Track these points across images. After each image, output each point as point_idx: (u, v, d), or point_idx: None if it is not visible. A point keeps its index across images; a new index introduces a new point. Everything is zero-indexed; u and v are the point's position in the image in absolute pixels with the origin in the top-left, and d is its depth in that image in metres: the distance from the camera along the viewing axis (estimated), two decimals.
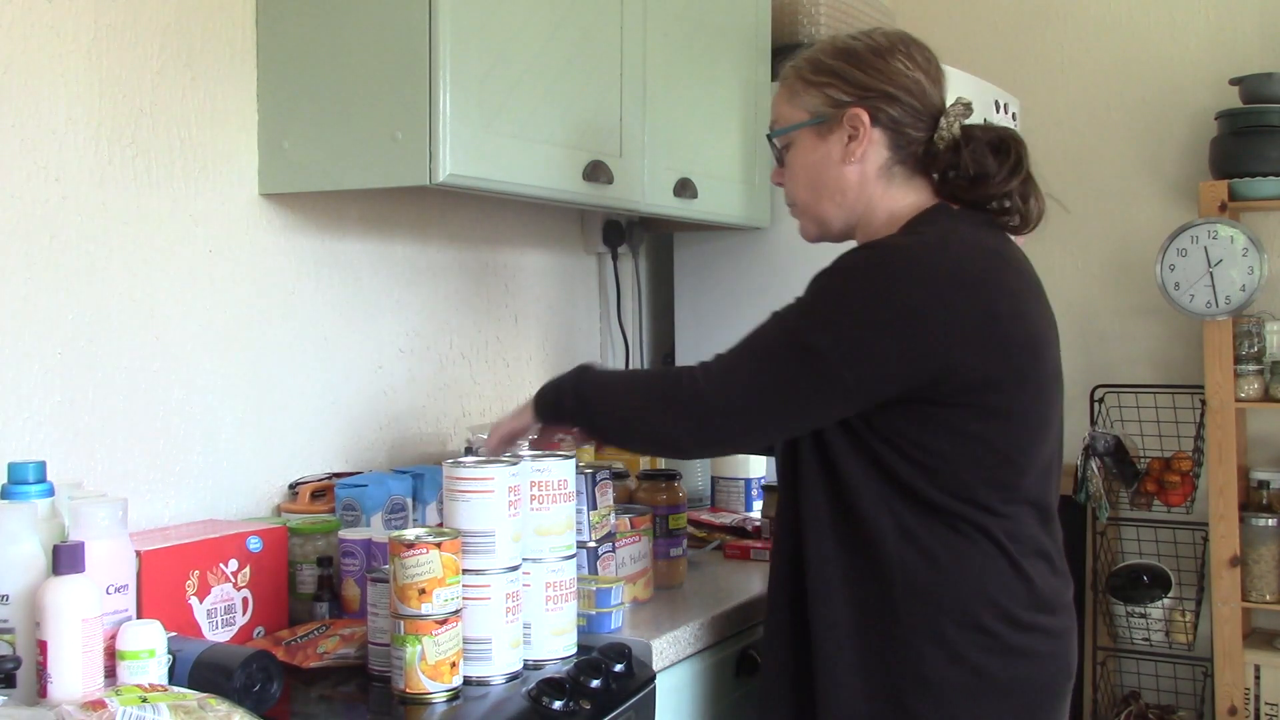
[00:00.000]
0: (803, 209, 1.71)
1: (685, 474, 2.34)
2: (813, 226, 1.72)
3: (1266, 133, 2.99)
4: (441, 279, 2.41)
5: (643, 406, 1.63)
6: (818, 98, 1.64)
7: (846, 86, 1.61)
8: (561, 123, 2.07)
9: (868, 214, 1.65)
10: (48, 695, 1.32)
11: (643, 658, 1.70)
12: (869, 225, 1.65)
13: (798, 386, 1.53)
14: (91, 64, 1.75)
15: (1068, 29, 3.42)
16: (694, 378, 1.57)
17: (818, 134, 1.64)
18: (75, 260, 1.74)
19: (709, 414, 1.56)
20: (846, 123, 1.61)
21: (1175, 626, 3.22)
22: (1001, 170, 1.59)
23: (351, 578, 1.75)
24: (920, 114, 1.61)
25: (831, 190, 1.65)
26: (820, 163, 1.65)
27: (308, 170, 1.95)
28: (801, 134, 1.66)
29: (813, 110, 1.64)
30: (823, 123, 1.63)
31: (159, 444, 1.85)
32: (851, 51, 1.63)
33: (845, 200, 1.65)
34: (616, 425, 1.68)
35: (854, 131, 1.61)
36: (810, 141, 1.65)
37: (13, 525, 1.38)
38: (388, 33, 1.84)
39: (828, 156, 1.64)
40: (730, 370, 1.57)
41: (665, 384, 1.62)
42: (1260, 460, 3.21)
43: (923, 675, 1.51)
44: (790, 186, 1.71)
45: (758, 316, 2.77)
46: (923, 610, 1.51)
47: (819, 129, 1.64)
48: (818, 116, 1.64)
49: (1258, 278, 2.97)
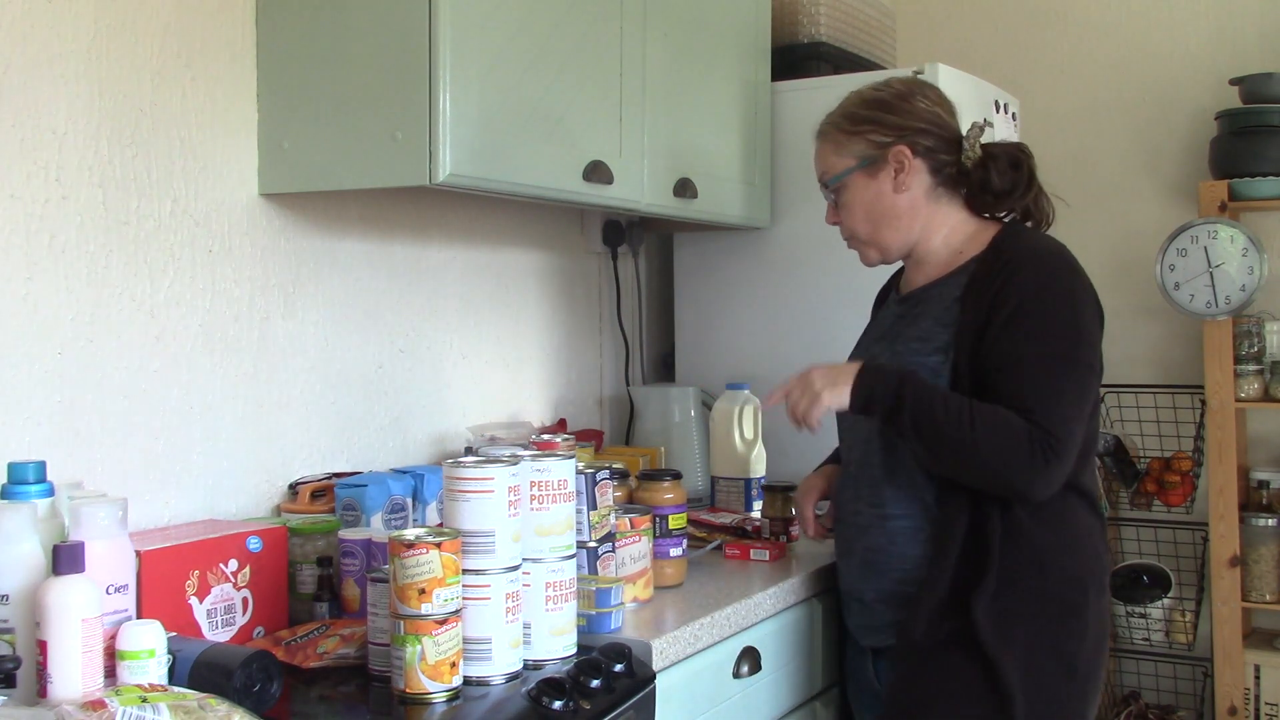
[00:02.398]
0: (865, 240, 1.95)
1: (685, 474, 2.34)
2: (875, 253, 1.97)
3: (1266, 133, 3.00)
4: (441, 279, 2.41)
5: (1004, 450, 1.71)
6: (861, 144, 1.91)
7: (884, 130, 1.89)
8: (561, 123, 2.07)
9: (925, 233, 1.92)
10: (48, 695, 1.32)
11: (643, 658, 1.69)
12: (927, 243, 1.92)
13: (1091, 403, 1.81)
14: (91, 64, 1.75)
15: (1068, 29, 3.42)
16: (1049, 445, 1.70)
17: (868, 174, 1.91)
18: (75, 260, 1.74)
19: (1063, 471, 1.74)
20: (892, 159, 1.89)
21: (1175, 626, 3.22)
22: (1020, 183, 1.88)
23: (351, 578, 1.75)
24: (947, 141, 1.90)
25: (890, 219, 1.91)
26: (875, 198, 1.91)
27: (308, 170, 1.95)
28: (854, 177, 1.92)
29: (859, 155, 1.91)
30: (871, 164, 1.90)
31: (159, 444, 1.85)
32: (880, 101, 1.91)
33: (902, 225, 1.91)
34: (961, 453, 1.74)
35: (899, 165, 1.88)
36: (862, 181, 1.91)
37: (13, 525, 1.38)
38: (388, 33, 1.84)
39: (880, 191, 1.90)
40: (1069, 422, 1.74)
41: (1026, 440, 1.71)
42: (1260, 460, 3.21)
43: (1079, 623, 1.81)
44: (849, 223, 1.96)
45: (758, 316, 2.80)
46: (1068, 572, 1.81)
47: (868, 170, 1.90)
48: (864, 160, 1.90)
49: (1258, 278, 2.97)
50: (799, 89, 2.77)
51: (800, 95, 2.77)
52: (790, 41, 2.84)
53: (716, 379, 2.77)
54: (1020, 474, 1.71)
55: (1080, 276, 1.83)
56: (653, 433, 2.71)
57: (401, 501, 1.96)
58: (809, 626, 2.14)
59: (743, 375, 2.71)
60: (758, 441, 2.55)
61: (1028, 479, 1.71)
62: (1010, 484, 1.73)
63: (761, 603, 1.99)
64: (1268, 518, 3.06)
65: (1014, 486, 1.73)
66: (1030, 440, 1.70)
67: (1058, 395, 1.73)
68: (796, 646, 2.10)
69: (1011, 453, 1.70)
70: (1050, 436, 1.70)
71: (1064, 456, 1.71)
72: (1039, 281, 1.78)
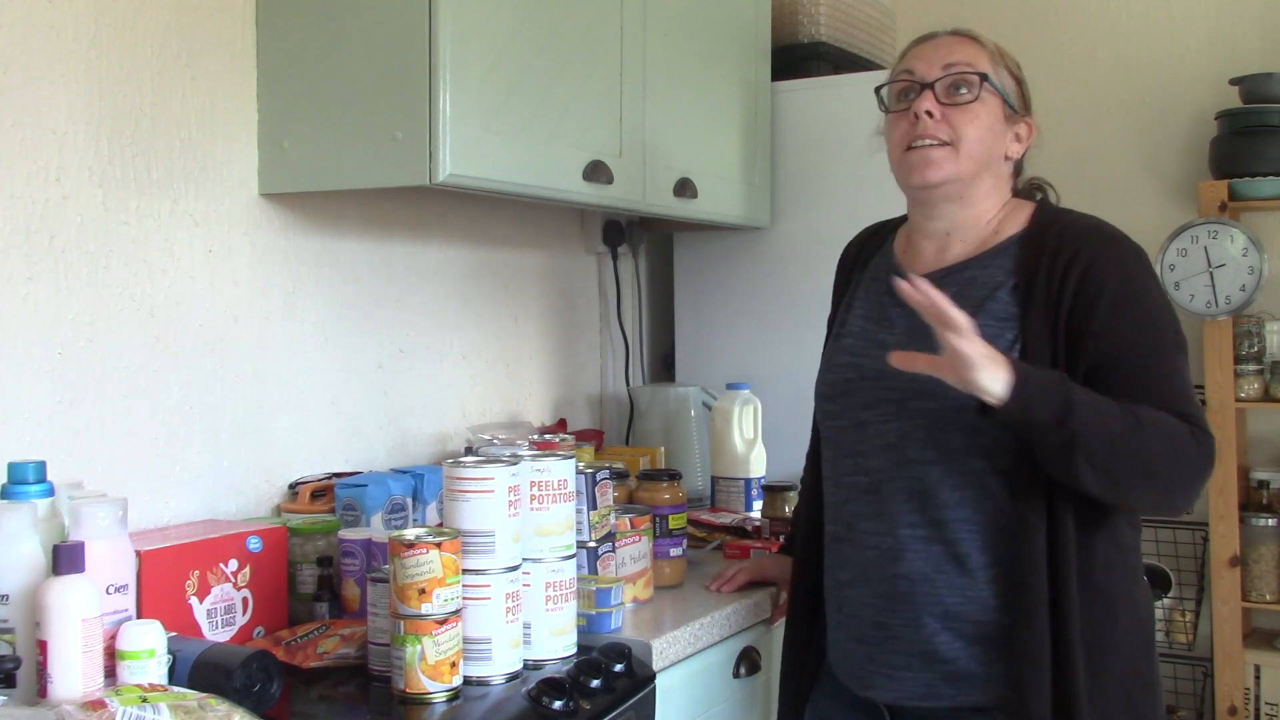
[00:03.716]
0: (966, 155, 1.62)
1: (685, 474, 2.35)
2: (952, 168, 1.62)
3: (1266, 133, 2.99)
4: (441, 279, 2.41)
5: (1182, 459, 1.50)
6: (1013, 87, 1.68)
7: (1025, 98, 1.70)
8: (561, 123, 2.07)
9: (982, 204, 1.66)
10: (48, 695, 1.32)
11: (643, 658, 1.69)
12: (974, 212, 1.66)
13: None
14: (91, 64, 1.75)
15: (1067, 29, 3.42)
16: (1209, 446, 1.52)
17: (1004, 114, 1.66)
18: (75, 260, 1.74)
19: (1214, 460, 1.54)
20: (1025, 126, 1.69)
21: (1175, 626, 3.21)
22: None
23: (351, 578, 1.75)
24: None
25: (990, 165, 1.65)
26: (996, 138, 1.66)
27: (308, 170, 1.95)
28: (997, 101, 1.65)
29: (1013, 93, 1.68)
30: (1011, 110, 1.67)
31: (159, 444, 1.85)
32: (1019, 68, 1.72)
33: (983, 182, 1.65)
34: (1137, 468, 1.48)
35: (1021, 137, 1.69)
36: (998, 113, 1.66)
37: (13, 525, 1.38)
38: (388, 33, 1.84)
39: (1001, 138, 1.66)
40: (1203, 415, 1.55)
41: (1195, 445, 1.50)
42: (1260, 460, 3.21)
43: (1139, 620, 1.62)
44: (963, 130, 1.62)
45: (758, 316, 2.79)
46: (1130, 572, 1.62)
47: (1006, 108, 1.67)
48: (1009, 100, 1.67)
49: (1258, 278, 2.97)
50: (799, 89, 2.78)
51: (800, 95, 2.77)
52: (790, 41, 2.84)
53: (716, 379, 2.77)
54: (1196, 484, 1.52)
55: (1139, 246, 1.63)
56: (653, 433, 2.71)
57: (401, 501, 1.96)
58: None
59: (743, 375, 2.71)
60: (758, 441, 2.55)
61: (1199, 489, 1.52)
62: (1184, 497, 1.52)
63: (761, 603, 1.99)
64: (1268, 518, 3.06)
65: (1186, 499, 1.52)
66: (1198, 442, 1.50)
67: (1187, 390, 1.54)
68: None
69: (1188, 460, 1.49)
70: (1207, 435, 1.51)
71: (1215, 453, 1.52)
72: (1123, 263, 1.56)
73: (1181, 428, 1.49)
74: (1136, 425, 1.46)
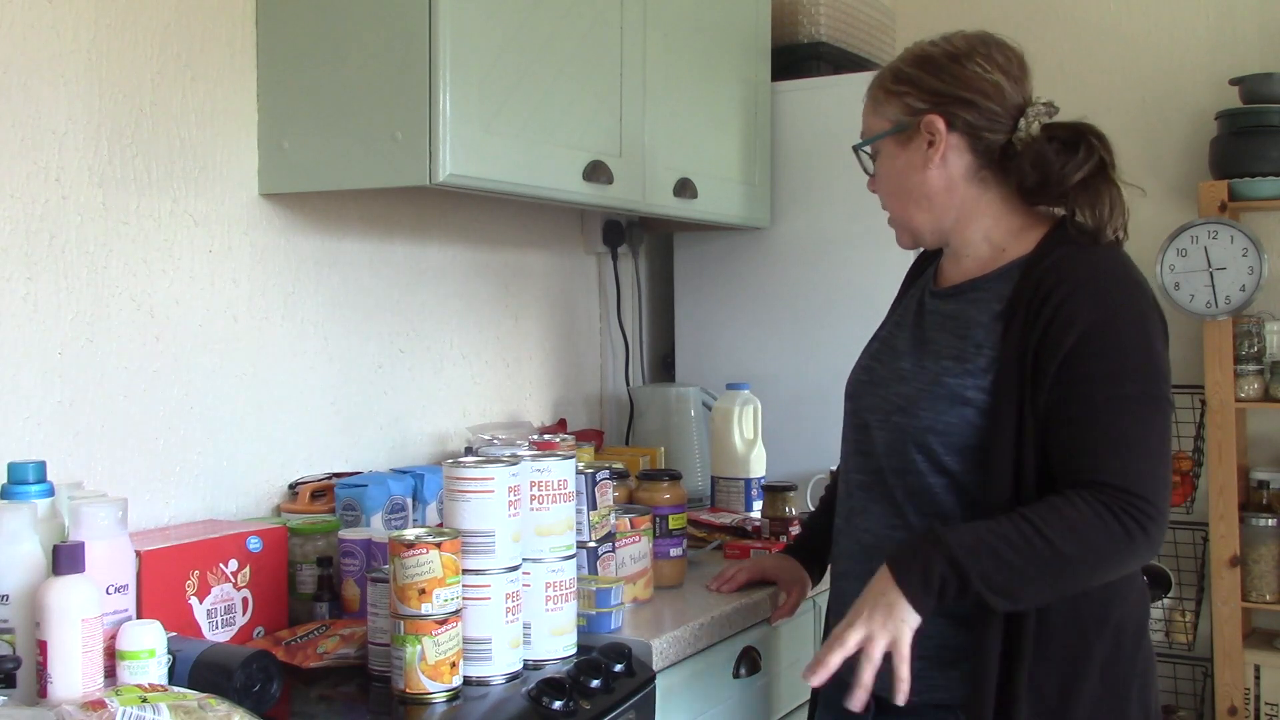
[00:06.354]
0: (894, 218, 1.69)
1: (685, 474, 2.34)
2: (905, 235, 1.70)
3: (1266, 133, 2.99)
4: (441, 279, 2.41)
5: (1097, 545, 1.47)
6: (897, 106, 1.64)
7: (922, 94, 1.62)
8: (561, 123, 2.07)
9: (960, 223, 1.64)
10: (48, 695, 1.32)
11: (643, 658, 1.69)
12: (963, 233, 1.65)
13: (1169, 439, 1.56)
14: (91, 64, 1.75)
15: (1067, 29, 3.42)
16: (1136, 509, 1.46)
17: (898, 142, 1.64)
18: (75, 260, 1.74)
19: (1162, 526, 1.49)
20: (924, 129, 1.61)
21: (1175, 626, 3.21)
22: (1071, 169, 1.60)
23: (351, 578, 1.75)
24: (1000, 116, 1.61)
25: (917, 197, 1.64)
26: (904, 170, 1.64)
27: (308, 170, 1.95)
28: (885, 143, 1.66)
29: (893, 119, 1.64)
30: (902, 131, 1.63)
31: (159, 444, 1.85)
32: (928, 58, 1.63)
33: (932, 206, 1.64)
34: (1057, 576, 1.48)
35: (931, 138, 1.61)
36: (892, 150, 1.65)
37: (13, 525, 1.38)
38: (388, 33, 1.84)
39: (910, 164, 1.63)
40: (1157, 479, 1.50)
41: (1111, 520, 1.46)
42: (1260, 460, 3.21)
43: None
44: (881, 196, 1.70)
45: (758, 316, 2.80)
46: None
47: (899, 138, 1.64)
48: (898, 125, 1.63)
49: (1258, 278, 2.97)
50: (799, 89, 2.78)
51: (800, 95, 2.77)
52: (790, 41, 2.85)
53: (716, 379, 2.77)
54: (1125, 556, 1.48)
55: (1145, 291, 1.56)
56: (653, 433, 2.71)
57: (401, 501, 1.96)
58: (809, 627, 2.14)
59: (743, 375, 2.71)
60: (758, 441, 2.55)
61: (1133, 555, 1.49)
62: (1114, 572, 1.51)
63: (761, 603, 1.99)
64: (1268, 518, 3.06)
65: (1117, 572, 1.52)
66: (1115, 517, 1.46)
67: (1137, 446, 1.48)
68: (796, 647, 2.10)
69: (1106, 544, 1.46)
70: (1133, 497, 1.46)
71: (1157, 514, 1.47)
72: (1099, 305, 1.51)
73: (1090, 509, 1.45)
74: (1034, 540, 1.45)
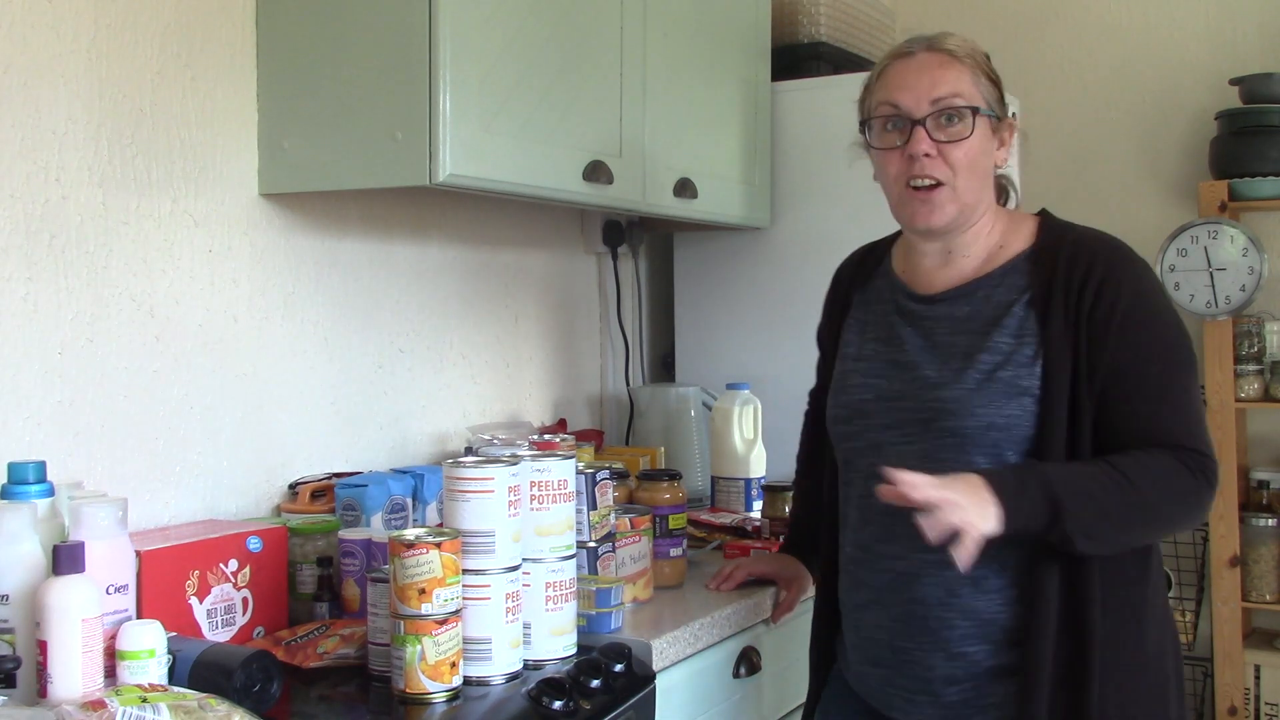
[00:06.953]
0: (964, 189, 1.60)
1: (685, 474, 2.34)
2: (951, 209, 1.60)
3: (1266, 133, 2.99)
4: (441, 279, 2.41)
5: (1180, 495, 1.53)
6: (993, 95, 1.64)
7: (1001, 93, 1.66)
8: (561, 123, 2.07)
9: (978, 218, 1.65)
10: (48, 695, 1.32)
11: (643, 658, 1.69)
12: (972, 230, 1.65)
13: None
14: (91, 64, 1.75)
15: (1068, 29, 3.42)
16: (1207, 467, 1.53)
17: (991, 127, 1.63)
18: (75, 260, 1.74)
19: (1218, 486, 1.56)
20: (1008, 129, 1.66)
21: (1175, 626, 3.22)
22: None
23: (351, 578, 1.75)
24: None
25: (985, 181, 1.64)
26: (988, 152, 1.63)
27: (308, 170, 1.95)
28: (986, 122, 1.62)
29: (989, 103, 1.62)
30: (996, 120, 1.64)
31: (159, 444, 1.85)
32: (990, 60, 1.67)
33: (986, 194, 1.65)
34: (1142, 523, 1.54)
35: (1005, 140, 1.65)
36: (988, 133, 1.63)
37: (13, 525, 1.38)
38: (388, 33, 1.84)
39: (988, 150, 1.63)
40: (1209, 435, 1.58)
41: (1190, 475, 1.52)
42: (1260, 460, 3.21)
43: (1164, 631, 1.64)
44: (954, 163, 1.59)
45: (757, 316, 2.79)
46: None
47: (993, 124, 1.63)
48: (992, 113, 1.63)
49: (1258, 278, 2.97)
50: (799, 89, 2.78)
51: (800, 95, 2.77)
52: (790, 41, 2.85)
53: (716, 379, 2.77)
54: (1198, 511, 1.56)
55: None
56: (653, 433, 2.71)
57: (401, 501, 1.96)
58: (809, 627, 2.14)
59: (743, 375, 2.71)
60: (758, 441, 2.55)
61: (1201, 506, 1.55)
62: (1190, 524, 1.61)
63: (761, 603, 1.99)
64: (1268, 518, 3.06)
65: (1192, 524, 1.61)
66: (1192, 472, 1.52)
67: (1193, 408, 1.57)
68: (796, 647, 2.10)
69: (1186, 494, 1.52)
70: (1204, 458, 1.53)
71: (1217, 468, 1.54)
72: (1136, 279, 1.58)
73: (1171, 463, 1.51)
74: (1125, 486, 1.48)
